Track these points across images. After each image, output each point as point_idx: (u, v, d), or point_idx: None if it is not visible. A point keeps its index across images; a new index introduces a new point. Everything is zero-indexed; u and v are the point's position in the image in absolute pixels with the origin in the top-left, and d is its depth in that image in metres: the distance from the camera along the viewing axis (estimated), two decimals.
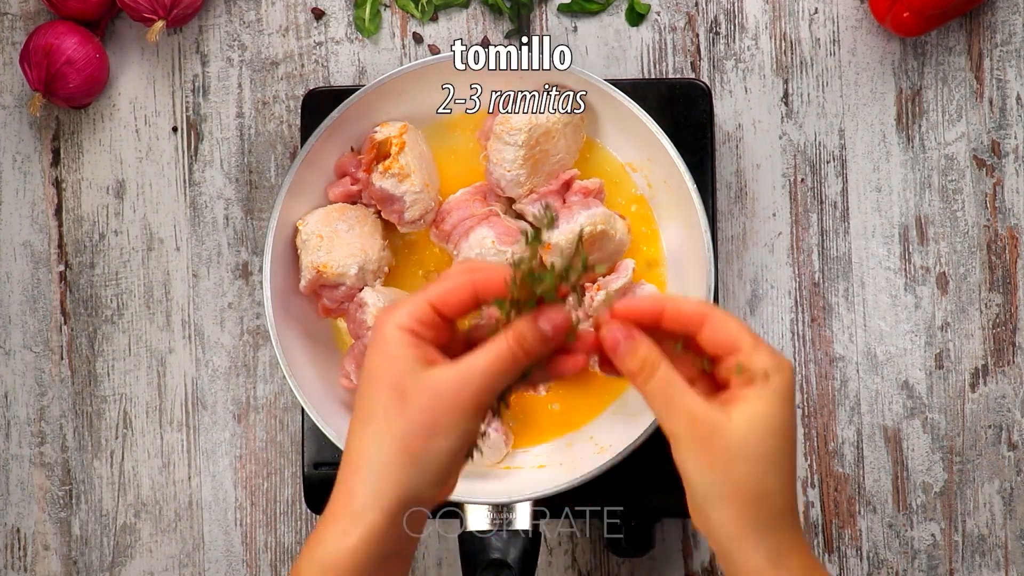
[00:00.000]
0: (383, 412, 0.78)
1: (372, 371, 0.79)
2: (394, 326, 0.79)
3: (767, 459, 0.79)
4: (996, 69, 1.20)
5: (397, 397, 0.78)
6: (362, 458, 0.79)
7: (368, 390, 0.79)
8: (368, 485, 0.79)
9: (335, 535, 0.79)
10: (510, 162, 1.08)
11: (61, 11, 1.21)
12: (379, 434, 0.79)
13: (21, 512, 1.26)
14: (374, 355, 0.79)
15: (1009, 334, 1.20)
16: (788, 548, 0.80)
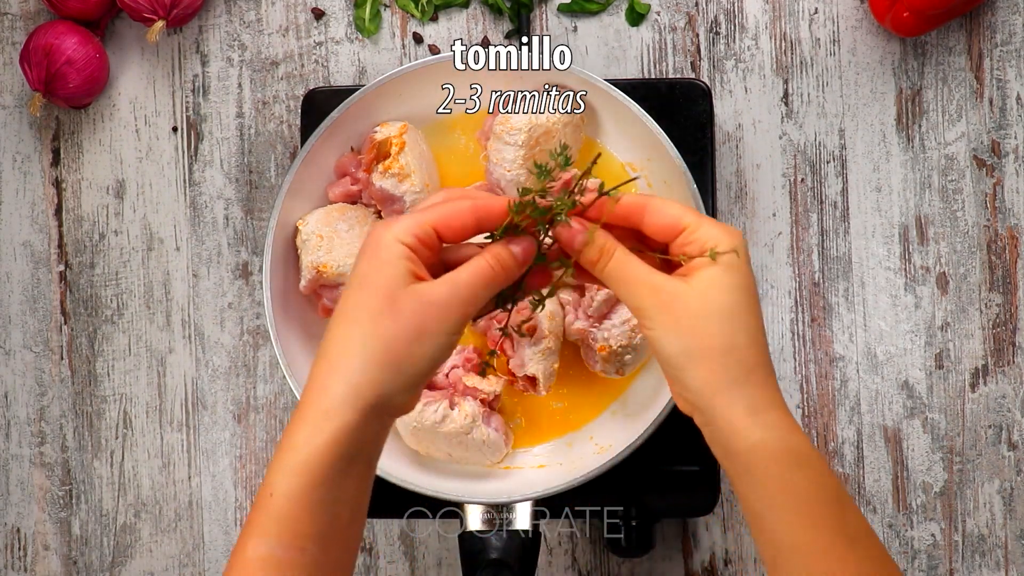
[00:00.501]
0: (372, 315, 0.81)
1: (365, 275, 0.81)
2: (393, 237, 0.82)
3: (731, 316, 0.82)
4: (996, 69, 1.20)
5: (388, 302, 0.81)
6: (343, 357, 0.81)
7: (358, 293, 0.81)
8: (345, 383, 0.81)
9: (306, 433, 0.81)
10: (510, 162, 1.08)
11: (61, 11, 1.21)
12: (366, 336, 0.81)
13: (21, 512, 1.26)
14: (370, 260, 0.82)
15: (1009, 334, 1.20)
16: (764, 403, 0.82)
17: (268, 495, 0.81)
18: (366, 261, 0.82)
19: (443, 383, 1.10)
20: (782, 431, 0.82)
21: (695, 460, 1.12)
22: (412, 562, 1.23)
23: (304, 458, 0.81)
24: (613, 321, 1.07)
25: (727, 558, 1.21)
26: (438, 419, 1.07)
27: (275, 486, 0.81)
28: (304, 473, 0.80)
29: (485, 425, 1.08)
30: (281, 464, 0.81)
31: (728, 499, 1.21)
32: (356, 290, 0.82)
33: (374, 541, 1.23)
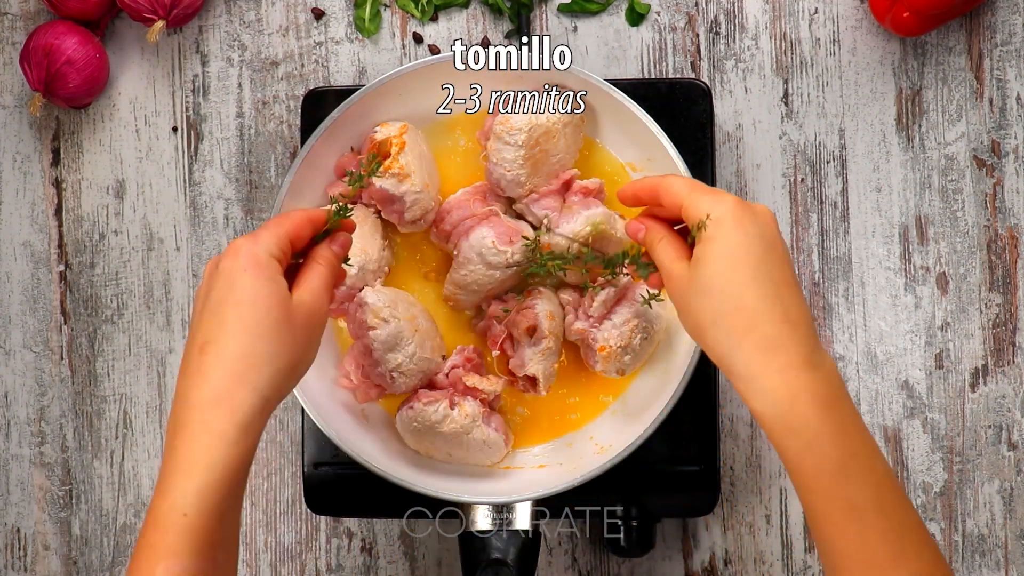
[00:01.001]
0: (272, 329, 0.86)
1: (256, 295, 0.86)
2: (268, 254, 0.88)
3: (733, 283, 0.88)
4: (996, 69, 1.20)
5: (285, 317, 0.87)
6: (251, 371, 0.85)
7: (252, 309, 0.86)
8: (257, 395, 0.85)
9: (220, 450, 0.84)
10: (510, 162, 1.08)
11: (61, 11, 1.21)
12: (272, 350, 0.86)
13: (21, 512, 1.26)
14: (255, 277, 0.86)
15: (1009, 334, 1.20)
16: (759, 367, 0.87)
17: (181, 515, 0.82)
18: (249, 278, 0.86)
19: (443, 383, 1.10)
20: (776, 398, 0.86)
21: (695, 460, 1.12)
22: (412, 562, 1.23)
23: (219, 476, 0.83)
24: (613, 321, 1.07)
25: (727, 558, 1.21)
26: (438, 419, 1.07)
27: (189, 507, 0.82)
28: (220, 489, 0.83)
29: (485, 425, 1.08)
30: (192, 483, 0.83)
31: (728, 499, 1.21)
32: (249, 307, 0.86)
33: (374, 541, 1.23)
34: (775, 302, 0.87)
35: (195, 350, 0.86)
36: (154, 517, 0.83)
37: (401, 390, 1.09)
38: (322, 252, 0.93)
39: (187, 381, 0.86)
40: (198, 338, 0.86)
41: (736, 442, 1.21)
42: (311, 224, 0.92)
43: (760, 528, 1.21)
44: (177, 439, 0.84)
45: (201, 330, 0.87)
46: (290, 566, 1.23)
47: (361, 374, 1.09)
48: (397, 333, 1.06)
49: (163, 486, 0.84)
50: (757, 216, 0.90)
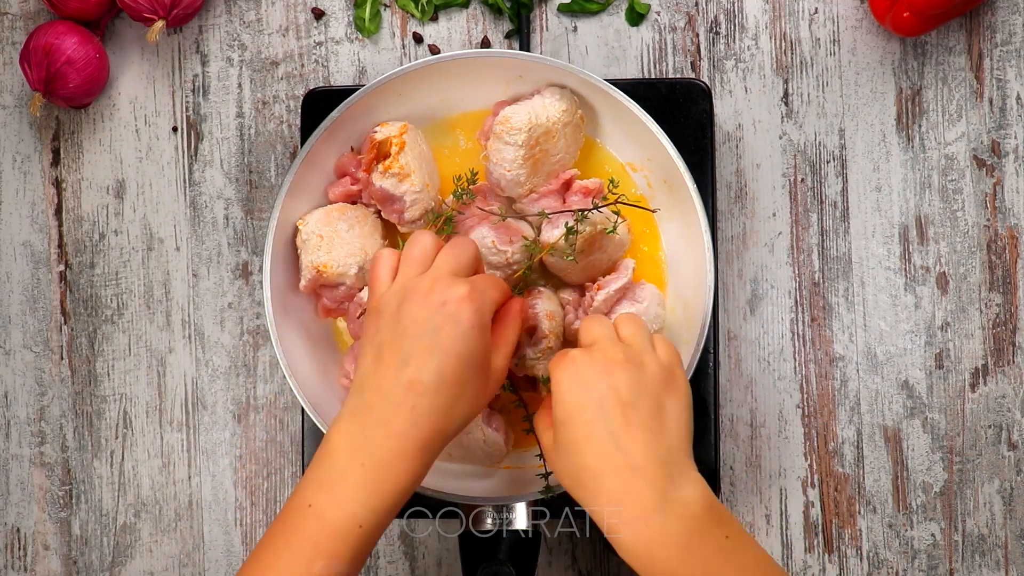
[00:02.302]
0: (475, 388, 0.92)
1: (472, 357, 0.91)
2: (489, 316, 0.93)
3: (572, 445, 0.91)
4: (996, 69, 1.20)
5: (485, 376, 0.93)
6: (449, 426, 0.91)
7: (469, 366, 0.91)
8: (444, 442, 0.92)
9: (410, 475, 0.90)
10: (510, 162, 1.08)
11: (61, 11, 1.21)
12: (469, 407, 0.92)
13: (21, 512, 1.26)
14: (479, 341, 0.92)
15: (1009, 334, 1.20)
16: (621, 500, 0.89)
17: (357, 526, 0.89)
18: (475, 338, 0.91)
19: None
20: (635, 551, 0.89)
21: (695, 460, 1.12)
22: (412, 562, 1.23)
23: (398, 502, 0.90)
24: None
25: None
26: None
27: (366, 520, 0.89)
28: (393, 512, 0.90)
29: (485, 425, 1.08)
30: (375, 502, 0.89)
31: (728, 499, 1.21)
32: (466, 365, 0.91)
33: None
34: (614, 453, 0.89)
35: (404, 381, 0.90)
36: (324, 518, 0.89)
37: None
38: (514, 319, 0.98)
39: (387, 408, 0.90)
40: (409, 370, 0.90)
41: (736, 442, 1.21)
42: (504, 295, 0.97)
43: (760, 528, 1.21)
44: (369, 459, 0.89)
45: (414, 365, 0.90)
46: None
47: None
48: None
49: (339, 495, 0.89)
50: (581, 372, 0.92)
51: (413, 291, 0.92)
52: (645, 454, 0.89)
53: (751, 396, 1.21)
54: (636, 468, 0.89)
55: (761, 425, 1.21)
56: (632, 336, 0.95)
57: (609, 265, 1.11)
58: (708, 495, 0.90)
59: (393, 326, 0.91)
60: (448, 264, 0.94)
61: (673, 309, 1.11)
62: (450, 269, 0.93)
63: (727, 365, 1.21)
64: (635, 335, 0.95)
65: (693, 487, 0.90)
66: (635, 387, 0.91)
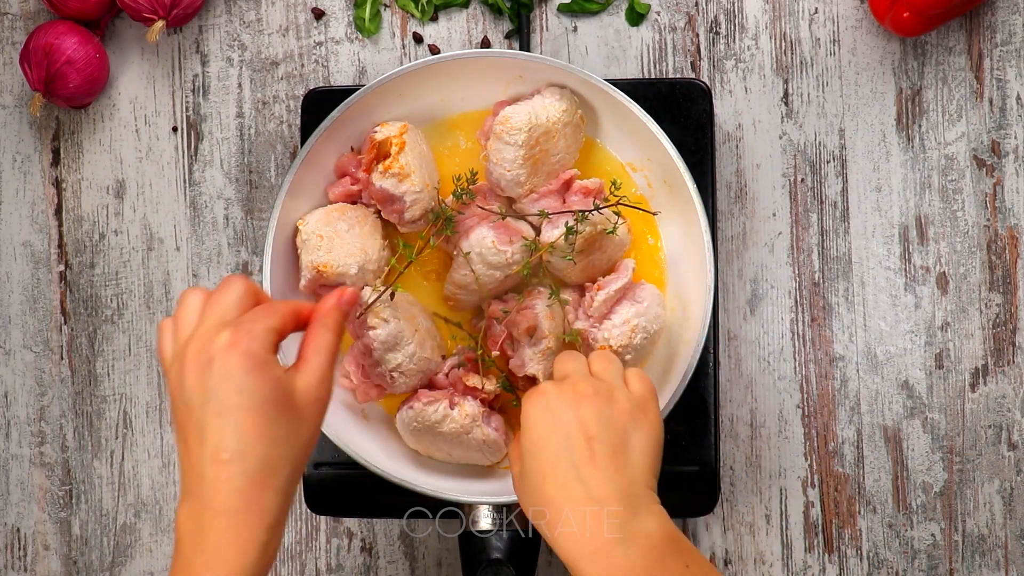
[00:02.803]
0: (287, 431, 0.86)
1: (265, 399, 0.85)
2: (266, 351, 0.86)
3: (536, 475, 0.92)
4: (996, 69, 1.20)
5: (293, 412, 0.87)
6: (274, 475, 0.85)
7: (265, 413, 0.85)
8: (279, 495, 0.86)
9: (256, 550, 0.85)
10: (510, 162, 1.08)
11: (61, 11, 1.21)
12: (288, 450, 0.86)
13: (21, 512, 1.26)
14: (261, 382, 0.85)
15: (1009, 334, 1.20)
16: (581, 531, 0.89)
17: None
18: (255, 381, 0.85)
19: (443, 383, 1.10)
20: None
21: (695, 460, 1.12)
22: (412, 562, 1.23)
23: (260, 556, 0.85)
24: (613, 321, 1.07)
25: (727, 558, 1.21)
26: (438, 419, 1.07)
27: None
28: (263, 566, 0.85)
29: (485, 425, 1.08)
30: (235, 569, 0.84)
31: (728, 499, 1.21)
32: (261, 414, 0.85)
33: (374, 541, 1.23)
34: (576, 486, 0.90)
35: (208, 457, 0.85)
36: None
37: (401, 390, 1.09)
38: (327, 318, 0.92)
39: (205, 487, 0.85)
40: (209, 444, 0.85)
41: (736, 442, 1.21)
42: (295, 318, 0.91)
43: (760, 528, 1.21)
44: (205, 542, 0.84)
45: (212, 436, 0.85)
46: (290, 566, 1.23)
47: (361, 374, 1.09)
48: (397, 333, 1.06)
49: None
50: (549, 403, 0.93)
51: (184, 357, 0.87)
52: (607, 487, 0.90)
53: (751, 396, 1.21)
54: (597, 500, 0.89)
55: (761, 425, 1.21)
56: (603, 371, 0.96)
57: (609, 265, 1.11)
58: (669, 526, 0.90)
59: (181, 400, 0.87)
60: (212, 315, 0.88)
61: (673, 309, 1.11)
62: (215, 320, 0.88)
63: (727, 365, 1.21)
64: (606, 370, 0.96)
65: (654, 519, 0.90)
66: (602, 421, 0.92)
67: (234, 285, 0.90)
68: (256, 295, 0.91)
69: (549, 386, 0.94)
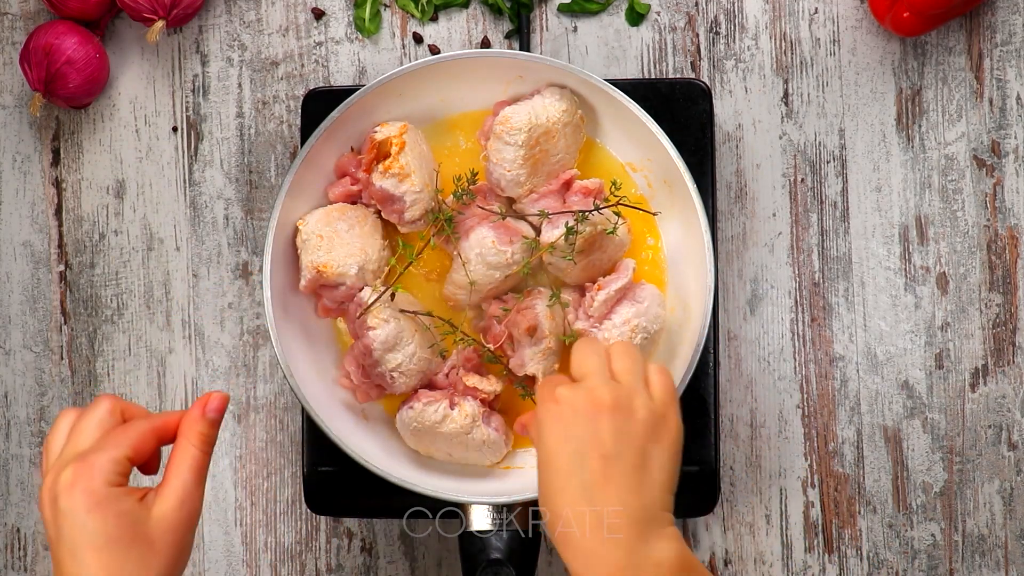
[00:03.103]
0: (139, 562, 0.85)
1: (109, 536, 0.84)
2: (107, 485, 0.85)
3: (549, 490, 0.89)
4: (996, 69, 1.20)
5: (146, 544, 0.86)
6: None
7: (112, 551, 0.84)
8: None
9: None
10: (510, 162, 1.08)
11: (61, 11, 1.21)
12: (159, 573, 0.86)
13: (21, 512, 1.26)
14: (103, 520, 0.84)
15: (1009, 334, 1.20)
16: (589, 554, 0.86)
17: None
18: (96, 519, 0.84)
19: (443, 383, 1.10)
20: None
21: (695, 460, 1.12)
22: (412, 562, 1.23)
23: None
24: (614, 321, 1.07)
25: (727, 558, 1.21)
26: (438, 419, 1.07)
27: None
28: None
29: (485, 425, 1.08)
30: None
31: (728, 499, 1.21)
32: (107, 551, 0.84)
33: (374, 541, 1.23)
34: (586, 509, 0.87)
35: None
36: None
37: (401, 390, 1.09)
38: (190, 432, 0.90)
39: None
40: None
41: (736, 442, 1.21)
42: (155, 436, 0.90)
43: (760, 528, 1.21)
44: None
45: (66, 572, 0.85)
46: (290, 566, 1.23)
47: (361, 374, 1.09)
48: (397, 333, 1.06)
49: None
50: (564, 415, 0.89)
51: (41, 491, 0.88)
52: (619, 513, 0.86)
53: (751, 396, 1.21)
54: (608, 527, 0.86)
55: (761, 425, 1.21)
56: (625, 372, 0.91)
57: (609, 265, 1.11)
58: (681, 551, 0.87)
59: (47, 531, 0.87)
60: (71, 444, 0.88)
61: (673, 309, 1.11)
62: (71, 450, 0.88)
63: (727, 365, 1.21)
64: (628, 371, 0.91)
65: (667, 544, 0.87)
66: (619, 437, 0.88)
67: (98, 407, 0.89)
68: (122, 414, 0.90)
69: (565, 393, 0.90)
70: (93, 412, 0.89)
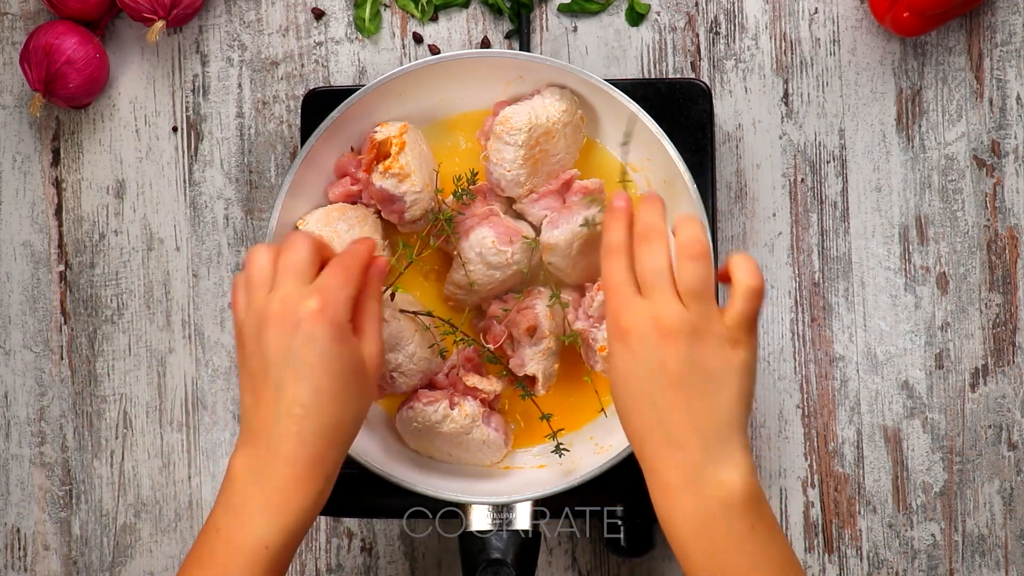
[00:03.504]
0: (356, 395, 0.93)
1: (344, 367, 0.91)
2: (347, 321, 0.92)
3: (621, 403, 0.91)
4: (996, 69, 1.20)
5: (361, 378, 0.93)
6: (340, 435, 0.92)
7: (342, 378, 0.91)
8: (342, 450, 0.93)
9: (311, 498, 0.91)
10: (510, 162, 1.08)
11: (61, 11, 1.21)
12: (357, 414, 0.94)
13: (21, 512, 1.26)
14: (341, 351, 0.91)
15: (1009, 334, 1.20)
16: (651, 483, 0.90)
17: (263, 547, 0.90)
18: (338, 349, 0.91)
19: (443, 383, 1.10)
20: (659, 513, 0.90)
21: None
22: (412, 562, 1.23)
23: (305, 520, 0.91)
24: None
25: None
26: (438, 419, 1.07)
27: (272, 541, 0.90)
28: (305, 527, 0.91)
29: (485, 425, 1.08)
30: (280, 522, 0.90)
31: None
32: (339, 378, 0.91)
33: (374, 541, 1.23)
34: (655, 427, 0.89)
35: (283, 410, 0.90)
36: (231, 542, 0.90)
37: (401, 390, 1.09)
38: (373, 289, 0.97)
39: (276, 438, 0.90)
40: (286, 398, 0.90)
41: None
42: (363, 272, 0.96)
43: None
44: (266, 484, 0.90)
45: (290, 392, 0.90)
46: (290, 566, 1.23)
47: None
48: (397, 333, 1.06)
49: (243, 516, 0.90)
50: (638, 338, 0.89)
51: (266, 316, 0.91)
52: (688, 433, 0.88)
53: None
54: (676, 444, 0.88)
55: (761, 425, 1.21)
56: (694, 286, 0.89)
57: None
58: (749, 480, 0.88)
59: (258, 355, 0.91)
60: (290, 275, 0.92)
61: None
62: (294, 279, 0.92)
63: None
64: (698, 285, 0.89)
65: (735, 469, 0.88)
66: (688, 362, 0.88)
67: (302, 244, 0.94)
68: (322, 250, 0.95)
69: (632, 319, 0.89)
70: (301, 247, 0.94)
